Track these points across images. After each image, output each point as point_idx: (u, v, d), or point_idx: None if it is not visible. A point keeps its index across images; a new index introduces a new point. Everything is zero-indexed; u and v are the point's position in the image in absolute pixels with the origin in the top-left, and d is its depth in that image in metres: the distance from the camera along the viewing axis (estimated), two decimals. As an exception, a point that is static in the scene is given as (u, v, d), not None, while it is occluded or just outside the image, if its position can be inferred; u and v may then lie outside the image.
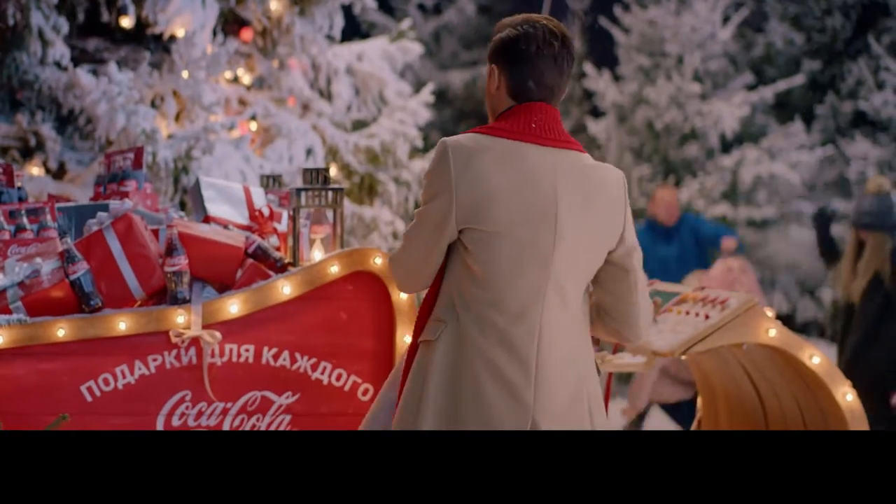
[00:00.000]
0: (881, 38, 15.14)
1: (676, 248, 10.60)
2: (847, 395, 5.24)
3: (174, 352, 4.70)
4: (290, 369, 4.80)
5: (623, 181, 3.80)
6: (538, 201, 3.61)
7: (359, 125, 10.11)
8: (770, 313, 5.29)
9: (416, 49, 10.33)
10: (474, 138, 3.67)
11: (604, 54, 16.32)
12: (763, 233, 14.36)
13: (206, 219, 5.37)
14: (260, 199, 5.64)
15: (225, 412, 4.73)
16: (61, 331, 4.58)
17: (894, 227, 7.97)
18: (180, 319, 4.68)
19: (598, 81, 14.95)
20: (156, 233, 5.06)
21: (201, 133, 7.77)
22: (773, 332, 5.15)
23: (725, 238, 10.25)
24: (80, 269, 4.64)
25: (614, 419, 9.30)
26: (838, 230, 11.10)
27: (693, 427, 6.27)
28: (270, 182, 6.53)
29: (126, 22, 8.46)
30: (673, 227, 10.88)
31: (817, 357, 5.23)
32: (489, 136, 3.68)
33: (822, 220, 8.77)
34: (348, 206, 9.11)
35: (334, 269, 4.81)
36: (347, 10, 9.80)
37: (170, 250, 4.69)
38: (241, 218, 5.46)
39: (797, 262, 14.22)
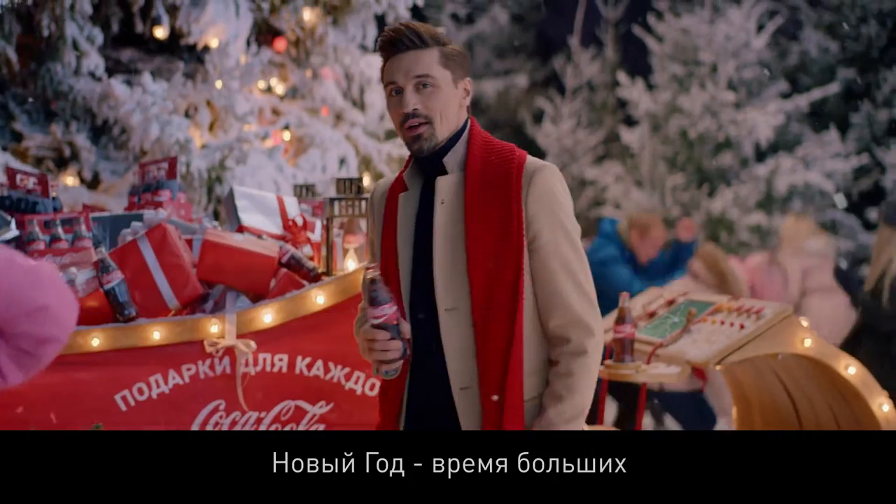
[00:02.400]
0: (917, 46, 15.09)
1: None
2: (883, 406, 5.20)
3: (208, 361, 4.70)
4: (323, 379, 4.79)
5: None
6: None
7: (392, 135, 10.11)
8: (805, 323, 5.25)
9: (449, 58, 10.32)
10: None
11: (637, 63, 16.31)
12: (798, 242, 14.28)
13: (240, 228, 5.38)
14: (293, 208, 5.64)
15: (259, 422, 4.72)
16: (96, 340, 4.59)
17: None
18: (214, 329, 4.68)
19: (632, 90, 14.93)
20: (190, 243, 5.07)
21: (235, 143, 7.79)
22: (808, 342, 5.12)
23: (681, 223, 9.59)
24: (115, 278, 4.64)
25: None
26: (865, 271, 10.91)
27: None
28: (304, 192, 6.54)
29: (160, 32, 8.51)
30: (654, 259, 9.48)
31: (853, 367, 5.20)
32: None
33: (843, 276, 8.57)
34: (381, 215, 9.10)
35: (368, 279, 4.80)
36: (380, 20, 9.81)
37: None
38: (275, 228, 5.46)
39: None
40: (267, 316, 4.73)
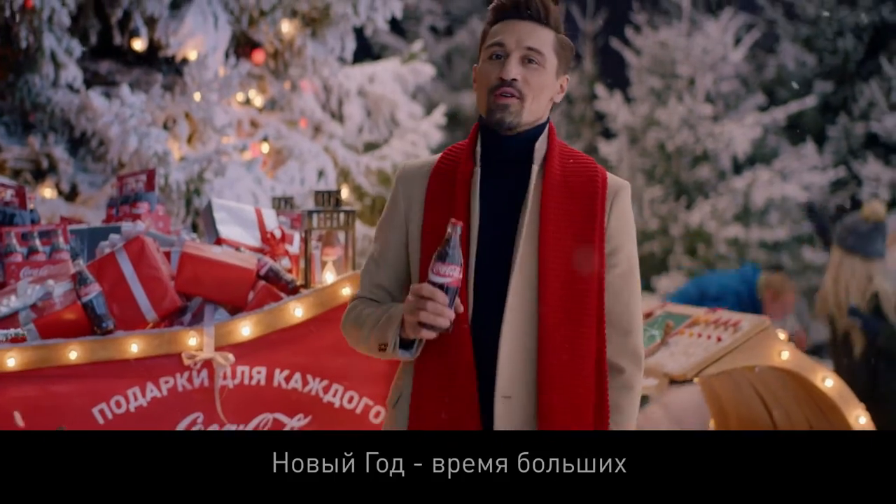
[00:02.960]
0: (893, 59, 15.14)
1: None
2: (860, 418, 5.22)
3: (186, 374, 4.69)
4: (301, 392, 4.79)
5: None
6: None
7: (370, 147, 10.12)
8: (783, 335, 5.27)
9: (427, 71, 10.34)
10: None
11: (615, 76, 16.34)
12: (775, 254, 14.33)
13: (218, 241, 5.37)
14: (272, 221, 5.64)
15: (236, 434, 4.72)
16: (73, 353, 4.58)
17: (878, 255, 7.90)
18: (192, 342, 4.68)
19: (610, 103, 14.96)
20: (168, 255, 5.07)
21: (213, 155, 7.78)
22: (785, 355, 5.14)
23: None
24: (93, 291, 4.64)
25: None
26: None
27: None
28: (282, 204, 6.54)
29: (138, 44, 8.50)
30: None
31: (830, 380, 5.22)
32: None
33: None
34: (360, 228, 9.12)
35: (346, 292, 4.80)
36: (359, 32, 9.81)
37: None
38: (253, 240, 5.46)
39: (809, 285, 14.19)
40: (245, 328, 4.73)
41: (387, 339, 3.30)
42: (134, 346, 4.64)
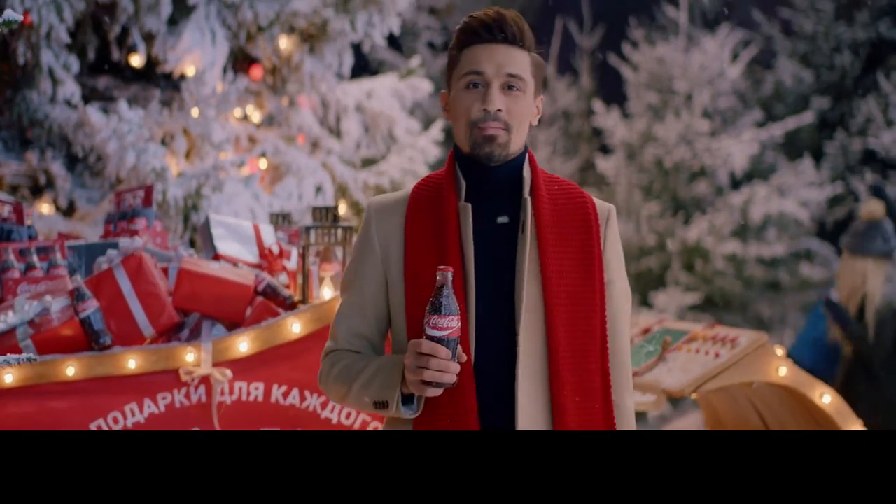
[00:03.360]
0: (890, 75, 15.14)
1: None
2: (858, 434, 5.22)
3: (184, 390, 4.69)
4: (299, 408, 4.79)
5: None
6: None
7: (368, 163, 10.11)
8: (780, 352, 5.27)
9: (425, 87, 10.35)
10: None
11: (613, 92, 16.33)
12: (773, 270, 14.33)
13: (216, 257, 5.37)
14: (269, 236, 5.64)
15: (234, 451, 4.71)
16: (71, 369, 4.58)
17: (876, 254, 7.92)
18: (190, 358, 4.67)
19: (607, 119, 14.94)
20: (165, 271, 5.07)
21: (211, 171, 7.79)
22: (783, 371, 5.14)
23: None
24: (90, 307, 4.64)
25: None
26: None
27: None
28: (280, 220, 6.54)
29: (136, 60, 8.52)
30: None
31: (828, 395, 5.22)
32: None
33: (834, 308, 8.43)
34: (357, 243, 9.10)
35: (344, 308, 4.79)
36: (357, 48, 9.82)
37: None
38: (251, 256, 5.46)
39: (807, 301, 14.18)
40: (243, 344, 4.73)
41: (386, 397, 3.07)
42: (131, 362, 4.64)
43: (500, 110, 3.13)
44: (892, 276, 7.92)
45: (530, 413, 3.10)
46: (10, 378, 4.50)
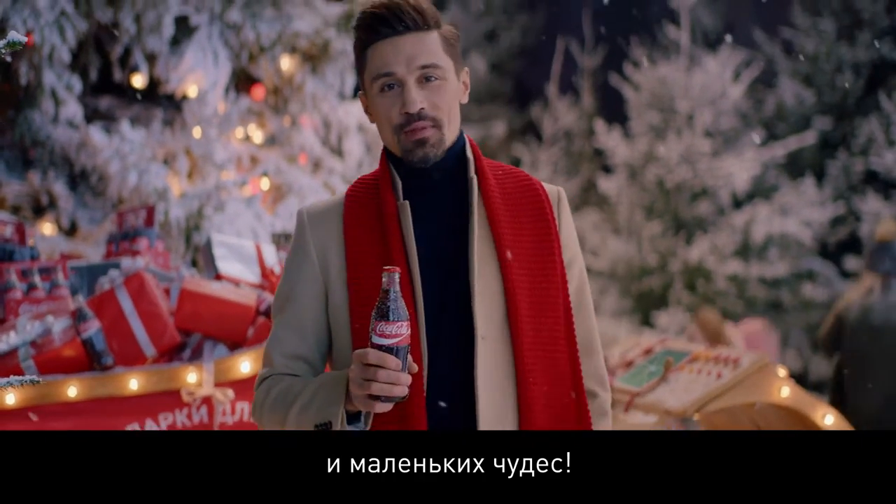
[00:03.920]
0: (892, 95, 15.16)
1: None
2: (861, 455, 5.20)
3: (185, 410, 4.69)
4: (300, 428, 4.78)
5: None
6: None
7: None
8: (782, 372, 5.26)
9: (426, 106, 10.33)
10: None
11: (614, 112, 16.35)
12: (775, 290, 14.32)
13: (218, 277, 5.37)
14: (271, 256, 5.64)
15: (235, 471, 4.70)
16: (72, 389, 4.58)
17: (876, 270, 8.09)
18: (192, 378, 4.67)
19: (609, 139, 14.95)
20: (167, 291, 5.06)
21: (213, 191, 7.79)
22: (785, 392, 5.13)
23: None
24: (92, 327, 4.64)
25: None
26: None
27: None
28: (282, 240, 6.53)
29: (138, 81, 8.53)
30: None
31: (830, 416, 5.21)
32: None
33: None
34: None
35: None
36: (359, 69, 9.82)
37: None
38: (253, 276, 5.45)
39: (809, 320, 14.17)
40: (245, 364, 4.73)
41: (329, 417, 2.76)
42: (133, 383, 4.64)
43: (422, 108, 2.89)
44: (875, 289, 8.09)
45: (495, 412, 2.88)
46: (11, 399, 4.50)
